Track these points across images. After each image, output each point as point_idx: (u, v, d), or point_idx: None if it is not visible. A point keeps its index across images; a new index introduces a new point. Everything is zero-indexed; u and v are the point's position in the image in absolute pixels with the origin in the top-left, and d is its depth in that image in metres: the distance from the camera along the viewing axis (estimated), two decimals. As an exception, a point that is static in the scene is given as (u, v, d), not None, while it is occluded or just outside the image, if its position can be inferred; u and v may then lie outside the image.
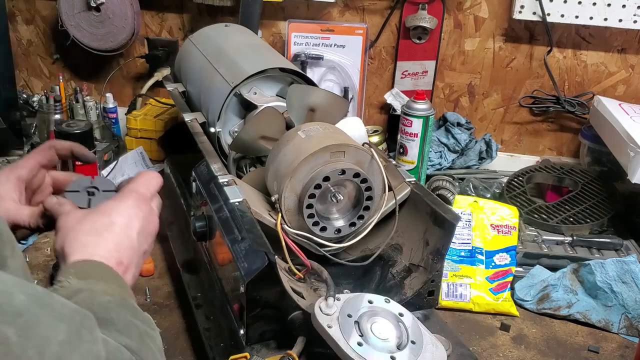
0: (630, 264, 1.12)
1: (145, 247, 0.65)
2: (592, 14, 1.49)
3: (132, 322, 0.53)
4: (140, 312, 0.56)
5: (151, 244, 0.67)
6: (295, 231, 0.92)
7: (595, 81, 1.60)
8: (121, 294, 0.55)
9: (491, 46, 1.62)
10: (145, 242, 0.65)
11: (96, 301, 0.52)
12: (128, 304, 0.55)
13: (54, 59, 1.85)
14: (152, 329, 0.55)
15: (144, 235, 0.64)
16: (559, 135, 1.68)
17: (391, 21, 1.63)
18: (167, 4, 1.73)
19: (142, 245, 0.64)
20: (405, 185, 1.00)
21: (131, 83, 1.84)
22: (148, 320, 0.56)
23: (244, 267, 0.81)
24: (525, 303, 1.17)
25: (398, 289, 0.95)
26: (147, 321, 0.56)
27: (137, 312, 0.55)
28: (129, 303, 0.55)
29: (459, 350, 0.89)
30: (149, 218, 0.65)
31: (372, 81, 1.71)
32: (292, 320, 0.84)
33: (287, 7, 1.66)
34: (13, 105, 1.64)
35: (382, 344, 0.76)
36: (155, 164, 1.59)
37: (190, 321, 1.07)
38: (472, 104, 1.69)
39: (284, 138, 0.96)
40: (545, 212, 1.36)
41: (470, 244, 1.17)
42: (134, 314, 0.54)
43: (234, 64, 1.15)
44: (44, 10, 1.79)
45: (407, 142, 1.46)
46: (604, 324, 1.12)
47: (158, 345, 0.55)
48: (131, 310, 0.54)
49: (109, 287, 0.55)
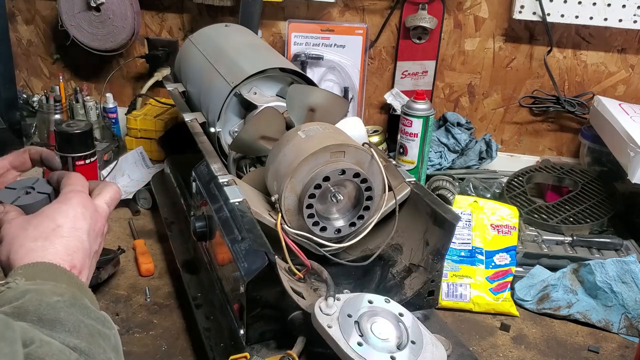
0: (630, 264, 1.12)
1: (95, 247, 0.63)
2: (592, 14, 1.49)
3: (83, 322, 0.52)
4: (93, 310, 0.55)
5: (100, 243, 0.66)
6: (295, 231, 0.92)
7: (595, 81, 1.60)
8: (72, 293, 0.54)
9: (491, 46, 1.62)
10: (95, 242, 0.64)
11: (44, 302, 0.51)
12: (79, 304, 0.53)
13: (54, 59, 1.85)
14: (107, 328, 0.54)
15: (93, 236, 0.63)
16: (559, 135, 1.68)
17: (391, 21, 1.63)
18: (167, 4, 1.73)
19: (92, 245, 0.63)
20: (405, 185, 1.00)
21: (131, 83, 1.84)
22: (103, 318, 0.55)
23: (244, 267, 0.81)
24: (525, 303, 1.17)
25: (398, 289, 0.95)
26: (101, 320, 0.55)
27: (89, 311, 0.54)
28: (80, 302, 0.54)
29: (459, 350, 0.89)
30: (95, 217, 0.64)
31: (372, 81, 1.71)
32: (292, 320, 0.84)
33: (287, 7, 1.66)
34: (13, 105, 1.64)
35: (382, 344, 0.76)
36: (155, 164, 1.59)
37: (190, 321, 1.07)
38: (472, 104, 1.69)
39: (284, 138, 0.96)
40: (545, 212, 1.36)
41: (470, 244, 1.17)
42: (86, 313, 0.53)
43: (234, 64, 1.15)
44: (44, 10, 1.79)
45: (407, 142, 1.46)
46: (604, 324, 1.12)
47: (113, 344, 0.54)
48: (83, 309, 0.53)
49: (58, 287, 0.54)
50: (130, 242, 1.32)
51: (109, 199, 0.68)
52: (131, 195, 1.45)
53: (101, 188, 0.69)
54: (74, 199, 0.63)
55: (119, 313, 1.09)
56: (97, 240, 0.64)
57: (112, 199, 0.69)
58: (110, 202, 0.68)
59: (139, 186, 1.48)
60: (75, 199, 0.63)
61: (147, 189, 1.47)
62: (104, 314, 0.56)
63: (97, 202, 0.67)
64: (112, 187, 0.70)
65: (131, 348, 1.01)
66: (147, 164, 1.58)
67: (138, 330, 1.05)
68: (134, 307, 1.12)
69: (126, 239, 1.33)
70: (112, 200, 0.69)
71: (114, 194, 0.69)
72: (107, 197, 0.68)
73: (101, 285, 1.16)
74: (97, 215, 0.65)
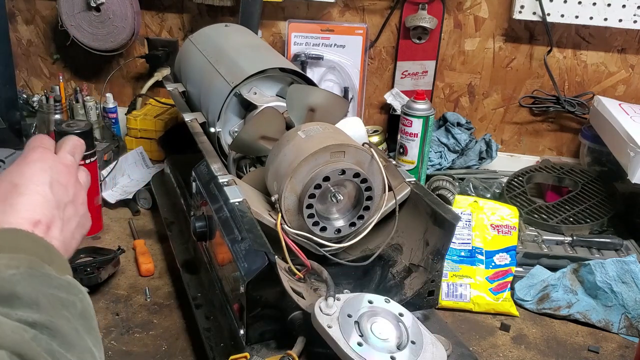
0: (630, 264, 1.12)
1: (66, 197, 0.60)
2: (592, 14, 1.49)
3: (42, 292, 0.48)
4: (55, 278, 0.51)
5: (76, 194, 0.62)
6: (295, 231, 0.92)
7: (595, 81, 1.60)
8: (29, 263, 0.50)
9: (491, 46, 1.62)
10: (65, 193, 0.60)
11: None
12: (38, 273, 0.50)
13: (54, 59, 1.85)
14: (72, 294, 0.51)
15: (59, 187, 0.59)
16: (559, 135, 1.68)
17: (391, 21, 1.63)
18: (167, 4, 1.73)
19: (61, 196, 0.59)
20: (405, 185, 1.00)
21: (131, 83, 1.84)
22: (67, 285, 0.52)
23: (244, 267, 0.81)
24: (525, 303, 1.17)
25: (398, 289, 0.95)
26: (65, 286, 0.51)
27: (50, 279, 0.51)
28: (39, 271, 0.50)
29: (459, 350, 0.89)
30: (57, 168, 0.61)
31: (372, 81, 1.71)
32: (292, 320, 0.84)
33: (287, 7, 1.66)
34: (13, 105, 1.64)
35: (382, 344, 0.76)
36: (155, 164, 1.59)
37: (190, 321, 1.07)
38: (472, 104, 1.69)
39: (284, 138, 0.96)
40: (545, 212, 1.36)
41: (470, 244, 1.17)
42: (46, 282, 0.50)
43: (234, 64, 1.15)
44: (44, 10, 1.79)
45: (407, 142, 1.46)
46: (604, 324, 1.12)
47: (79, 310, 0.51)
48: (43, 278, 0.50)
49: (14, 258, 0.50)
50: (130, 242, 1.32)
51: (70, 148, 0.65)
52: (131, 195, 1.46)
53: (60, 142, 0.66)
54: (29, 156, 0.60)
55: (119, 313, 1.09)
56: (68, 191, 0.61)
57: (73, 147, 0.66)
58: (73, 150, 0.65)
59: (139, 186, 1.48)
60: (31, 155, 0.60)
61: (147, 189, 1.47)
62: (69, 278, 0.53)
63: (59, 154, 0.64)
64: (71, 137, 0.67)
65: (131, 348, 1.01)
66: (147, 164, 1.58)
67: (138, 330, 1.05)
68: (134, 307, 1.12)
69: (126, 239, 1.33)
70: (74, 147, 0.66)
71: (75, 142, 0.67)
72: (68, 147, 0.65)
73: (101, 285, 1.16)
74: (59, 166, 0.61)
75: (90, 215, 0.65)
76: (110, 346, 1.01)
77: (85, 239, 1.31)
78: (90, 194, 1.30)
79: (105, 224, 1.38)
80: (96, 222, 1.35)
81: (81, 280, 1.12)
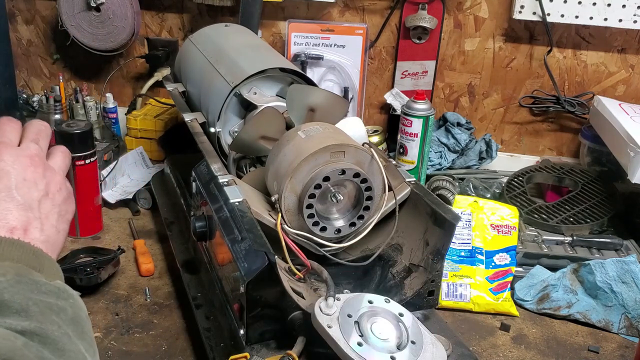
0: (630, 264, 1.12)
1: (36, 194, 0.57)
2: (592, 14, 1.49)
3: (32, 299, 0.48)
4: (44, 284, 0.50)
5: (48, 184, 0.58)
6: (295, 231, 0.92)
7: (595, 81, 1.60)
8: (16, 270, 0.49)
9: (491, 46, 1.62)
10: (35, 188, 0.57)
11: None
12: (26, 279, 0.49)
13: (54, 59, 1.85)
14: (62, 299, 0.50)
15: (26, 185, 0.56)
16: (559, 135, 1.68)
17: (391, 21, 1.63)
18: (167, 4, 1.73)
19: (31, 194, 0.56)
20: (405, 185, 1.00)
21: (131, 83, 1.84)
22: (56, 290, 0.51)
23: (244, 267, 0.81)
24: (525, 303, 1.17)
25: (398, 289, 0.95)
26: (54, 292, 0.50)
27: (39, 285, 0.50)
28: (27, 278, 0.49)
29: (459, 350, 0.89)
30: (20, 162, 0.57)
31: (372, 81, 1.71)
32: (292, 320, 0.84)
33: (287, 7, 1.66)
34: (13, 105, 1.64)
35: (382, 344, 0.76)
36: (155, 164, 1.59)
37: (190, 321, 1.07)
38: (472, 104, 1.69)
39: (284, 138, 0.96)
40: (545, 212, 1.36)
41: (470, 244, 1.17)
42: (35, 289, 0.49)
43: (234, 64, 1.15)
44: (44, 10, 1.79)
45: (407, 142, 1.46)
46: (604, 324, 1.12)
47: (70, 315, 0.50)
48: (31, 285, 0.49)
49: (0, 266, 0.49)
50: (130, 242, 1.31)
51: (33, 135, 0.61)
52: (131, 195, 1.46)
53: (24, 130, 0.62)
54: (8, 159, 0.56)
55: (119, 313, 1.09)
56: (38, 186, 0.57)
57: (37, 133, 0.62)
58: (37, 137, 0.61)
59: (139, 186, 1.48)
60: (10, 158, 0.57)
61: (147, 189, 1.47)
62: (59, 283, 0.52)
63: (22, 145, 0.59)
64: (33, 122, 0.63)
65: (131, 348, 1.01)
66: (147, 164, 1.58)
67: (138, 330, 1.05)
68: (134, 307, 1.12)
69: (126, 239, 1.33)
70: (38, 133, 0.62)
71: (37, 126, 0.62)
72: (31, 135, 0.61)
73: (101, 285, 1.16)
74: (22, 161, 0.57)
75: (90, 215, 0.64)
76: (110, 346, 1.01)
77: (86, 239, 1.32)
78: (90, 194, 1.31)
79: (105, 224, 1.38)
80: (96, 222, 1.35)
81: (81, 280, 1.12)
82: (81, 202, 1.26)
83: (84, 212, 1.30)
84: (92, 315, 1.08)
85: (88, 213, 1.32)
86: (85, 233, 1.33)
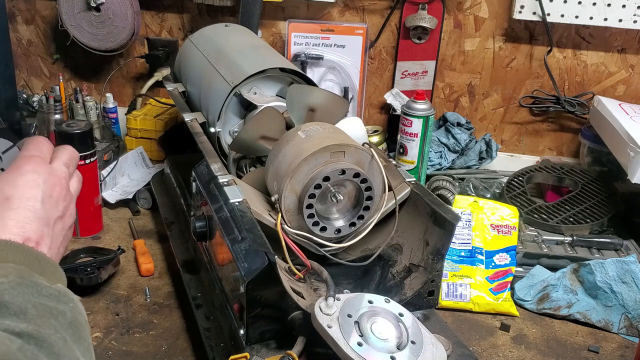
0: (630, 264, 1.12)
1: (56, 213, 0.59)
2: (592, 14, 1.49)
3: (31, 302, 0.48)
4: (45, 286, 0.51)
5: (66, 207, 0.61)
6: (295, 231, 0.92)
7: (595, 81, 1.60)
8: (19, 272, 0.50)
9: (491, 46, 1.62)
10: (55, 208, 0.59)
11: None
12: (28, 282, 0.50)
13: (54, 59, 1.85)
14: (62, 303, 0.51)
15: (50, 202, 0.58)
16: (559, 135, 1.68)
17: (391, 21, 1.63)
18: (167, 4, 1.73)
19: (52, 212, 0.58)
20: (405, 185, 1.00)
21: (131, 83, 1.84)
22: (57, 294, 0.51)
23: (244, 267, 0.81)
24: (525, 303, 1.17)
25: (398, 289, 0.95)
26: (55, 295, 0.51)
27: (40, 288, 0.50)
28: (29, 280, 0.50)
29: (459, 350, 0.89)
30: (50, 181, 0.59)
31: (372, 81, 1.71)
32: (292, 320, 0.84)
33: (287, 7, 1.66)
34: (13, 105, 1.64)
35: (382, 344, 0.76)
36: (155, 164, 1.59)
37: (190, 321, 1.07)
38: (472, 104, 1.69)
39: (284, 138, 0.96)
40: (545, 212, 1.36)
41: (470, 244, 1.17)
42: (36, 291, 0.50)
43: (234, 64, 1.15)
44: (44, 10, 1.79)
45: (407, 142, 1.46)
46: (604, 324, 1.12)
47: (69, 319, 0.50)
48: (32, 287, 0.50)
49: (3, 267, 0.50)
50: (130, 242, 1.32)
51: (66, 159, 0.64)
52: (131, 195, 1.46)
53: (57, 151, 0.65)
54: (24, 165, 0.59)
55: (119, 313, 1.09)
56: (59, 206, 0.60)
57: (70, 159, 0.65)
58: (69, 162, 0.64)
59: (139, 186, 1.48)
60: (25, 165, 0.59)
61: (147, 189, 1.47)
62: (60, 287, 0.52)
63: (54, 165, 0.62)
64: (68, 147, 0.66)
65: (131, 348, 1.01)
66: (147, 164, 1.58)
67: (138, 330, 1.05)
68: (134, 307, 1.12)
69: (126, 239, 1.33)
70: (70, 159, 0.65)
71: (71, 153, 0.65)
72: (64, 157, 0.64)
73: (101, 285, 1.16)
74: (53, 179, 0.60)
75: (90, 215, 0.65)
76: (110, 346, 1.01)
77: (86, 239, 1.32)
78: (90, 194, 1.31)
79: (105, 224, 1.38)
80: (96, 222, 1.35)
81: (81, 280, 1.12)
82: (81, 202, 1.26)
83: (84, 212, 1.30)
84: (92, 315, 1.08)
85: (88, 213, 1.32)
86: (85, 233, 1.33)
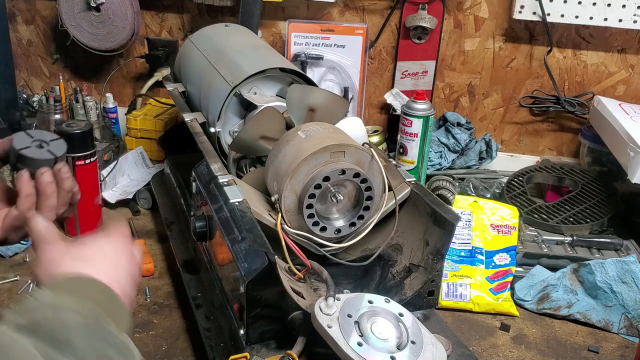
0: (630, 264, 1.12)
1: (128, 289, 0.62)
2: (592, 14, 1.49)
3: (96, 350, 0.50)
4: (113, 336, 0.52)
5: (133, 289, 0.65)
6: (295, 231, 0.92)
7: (595, 81, 1.60)
8: (96, 315, 0.52)
9: (491, 46, 1.62)
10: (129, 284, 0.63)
11: (58, 319, 0.49)
12: (100, 327, 0.51)
13: (54, 59, 1.85)
14: (122, 354, 0.52)
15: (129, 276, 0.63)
16: (559, 135, 1.68)
17: (391, 21, 1.63)
18: (167, 4, 1.73)
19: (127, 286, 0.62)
20: (405, 185, 1.00)
21: (131, 83, 1.84)
22: (121, 345, 0.53)
23: (244, 267, 0.81)
24: (525, 303, 1.17)
25: (398, 289, 0.95)
26: (118, 346, 0.52)
27: (107, 335, 0.52)
28: (101, 326, 0.52)
29: (459, 350, 0.89)
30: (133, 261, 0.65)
31: (372, 81, 1.71)
32: (292, 320, 0.84)
33: (287, 7, 1.66)
34: (13, 105, 1.64)
35: (382, 344, 0.76)
36: (155, 164, 1.59)
37: (190, 321, 1.07)
38: (472, 104, 1.69)
39: (284, 138, 0.96)
40: (545, 212, 1.36)
41: (470, 244, 1.17)
42: (102, 338, 0.51)
43: (234, 64, 1.15)
44: (44, 10, 1.79)
45: (407, 142, 1.46)
46: (604, 324, 1.12)
47: None
48: (102, 333, 0.51)
49: (81, 302, 0.52)
50: (130, 242, 1.31)
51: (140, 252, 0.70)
52: (131, 195, 1.45)
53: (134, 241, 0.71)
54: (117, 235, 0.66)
55: (119, 313, 1.09)
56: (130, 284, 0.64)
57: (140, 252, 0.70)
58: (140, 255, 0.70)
59: (139, 186, 1.48)
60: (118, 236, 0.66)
61: (147, 189, 1.47)
62: (125, 338, 0.54)
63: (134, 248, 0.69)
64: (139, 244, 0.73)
65: (131, 348, 1.01)
66: (147, 164, 1.58)
67: (138, 330, 1.05)
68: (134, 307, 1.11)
69: (126, 239, 1.33)
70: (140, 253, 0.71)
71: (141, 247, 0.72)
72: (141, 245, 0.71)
73: (101, 285, 1.16)
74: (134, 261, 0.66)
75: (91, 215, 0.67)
76: (110, 346, 1.01)
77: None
78: (91, 194, 1.31)
79: (105, 224, 1.38)
80: (96, 222, 1.35)
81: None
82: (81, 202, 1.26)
83: (84, 212, 1.30)
84: (92, 315, 1.08)
85: (88, 213, 1.32)
86: (85, 233, 1.33)
